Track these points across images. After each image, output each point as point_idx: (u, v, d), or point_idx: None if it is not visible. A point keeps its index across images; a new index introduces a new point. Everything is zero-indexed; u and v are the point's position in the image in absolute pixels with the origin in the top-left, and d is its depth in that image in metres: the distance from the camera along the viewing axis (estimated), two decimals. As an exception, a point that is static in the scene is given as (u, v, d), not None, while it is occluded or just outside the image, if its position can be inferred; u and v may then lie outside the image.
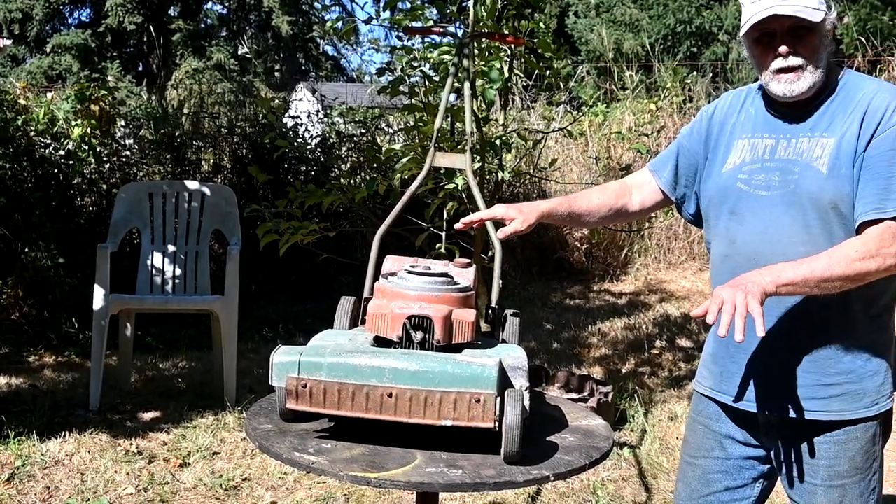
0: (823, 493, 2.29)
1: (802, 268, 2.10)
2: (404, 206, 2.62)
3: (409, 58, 4.88)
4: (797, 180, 2.22)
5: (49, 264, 6.69)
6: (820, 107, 2.27)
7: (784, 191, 2.24)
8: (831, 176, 2.18)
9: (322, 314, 6.45)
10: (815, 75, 2.22)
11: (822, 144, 2.22)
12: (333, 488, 4.21)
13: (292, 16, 29.26)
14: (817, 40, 2.21)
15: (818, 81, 2.23)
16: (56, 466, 4.37)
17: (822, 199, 2.19)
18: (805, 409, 2.26)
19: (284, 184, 7.19)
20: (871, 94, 2.21)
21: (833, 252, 2.13)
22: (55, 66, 25.59)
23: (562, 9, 20.64)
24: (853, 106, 2.22)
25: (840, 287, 2.13)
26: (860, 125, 2.18)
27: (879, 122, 2.16)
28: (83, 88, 7.15)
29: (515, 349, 2.21)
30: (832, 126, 2.22)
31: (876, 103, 2.19)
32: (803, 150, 2.24)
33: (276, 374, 2.03)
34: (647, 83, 11.60)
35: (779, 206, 2.25)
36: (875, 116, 2.17)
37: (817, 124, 2.25)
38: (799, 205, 2.22)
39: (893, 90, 2.23)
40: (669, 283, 8.68)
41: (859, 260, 2.10)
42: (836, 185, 2.18)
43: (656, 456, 4.67)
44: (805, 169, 2.22)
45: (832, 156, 2.19)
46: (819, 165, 2.20)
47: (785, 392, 2.27)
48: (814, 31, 2.20)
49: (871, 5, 16.24)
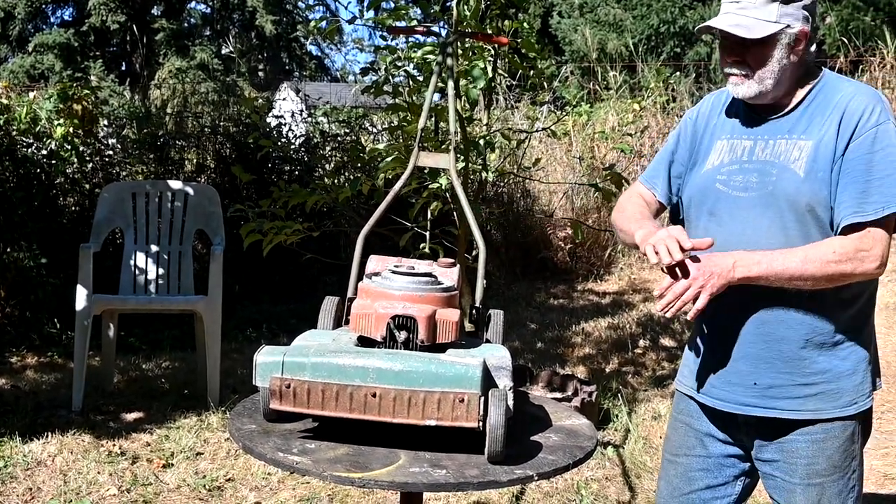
0: (802, 491, 2.30)
1: (776, 263, 2.13)
2: (388, 205, 2.62)
3: (393, 57, 4.88)
4: (775, 182, 2.24)
5: (31, 264, 6.65)
6: (797, 108, 2.28)
7: (762, 192, 2.26)
8: (808, 178, 2.19)
9: (306, 314, 6.44)
10: (761, 85, 2.24)
11: (799, 146, 2.23)
12: (317, 488, 4.20)
13: (276, 15, 29.18)
14: (768, 52, 2.22)
15: (766, 91, 2.25)
16: (38, 467, 4.35)
17: (799, 201, 2.20)
18: (781, 409, 2.27)
19: (268, 183, 7.17)
20: (848, 96, 2.22)
21: (810, 250, 2.14)
22: (37, 66, 25.43)
23: (545, 9, 20.68)
24: (831, 108, 2.23)
25: (813, 286, 2.15)
26: (838, 128, 2.19)
27: (857, 125, 2.17)
28: (66, 88, 7.11)
29: (499, 349, 2.21)
30: (810, 128, 2.24)
31: (853, 106, 2.20)
32: (781, 151, 2.25)
33: (260, 375, 2.03)
34: (630, 83, 11.64)
35: (756, 207, 2.26)
36: (853, 119, 2.18)
37: (795, 126, 2.26)
38: (776, 206, 2.23)
39: (871, 92, 2.25)
40: (653, 283, 8.69)
41: (835, 262, 2.12)
42: (812, 188, 2.19)
43: (640, 455, 4.68)
44: (782, 171, 2.23)
45: (810, 158, 2.20)
46: (796, 168, 2.21)
47: (760, 392, 2.29)
48: (764, 43, 2.21)
49: (853, 6, 16.34)
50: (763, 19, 2.20)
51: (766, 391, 2.28)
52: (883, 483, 4.41)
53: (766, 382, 2.28)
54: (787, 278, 2.13)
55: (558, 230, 9.11)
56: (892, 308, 6.96)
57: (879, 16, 16.14)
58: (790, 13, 2.21)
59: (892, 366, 5.75)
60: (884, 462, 4.62)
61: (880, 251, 2.15)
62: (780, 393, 2.27)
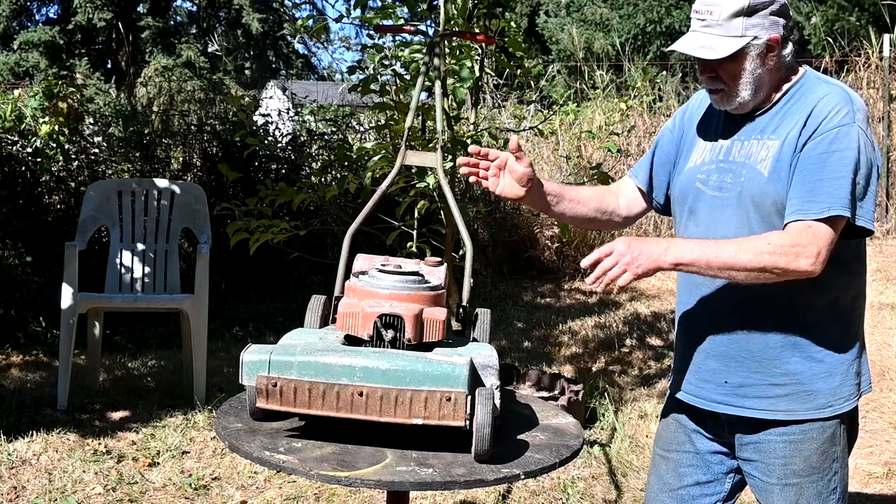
0: (779, 491, 2.31)
1: (709, 250, 2.12)
2: (375, 204, 2.62)
3: (380, 56, 4.88)
4: (743, 182, 2.25)
5: (16, 262, 6.62)
6: (773, 108, 2.29)
7: (733, 193, 2.27)
8: (772, 179, 2.20)
9: (293, 313, 6.44)
10: (741, 96, 2.25)
11: (767, 147, 2.24)
12: (304, 487, 4.20)
13: (262, 13, 29.18)
14: (738, 67, 2.22)
15: (745, 101, 2.26)
16: (23, 466, 4.33)
17: (764, 201, 2.21)
18: (752, 409, 2.29)
19: (255, 182, 7.15)
20: (820, 97, 2.22)
21: (745, 241, 2.14)
22: (22, 63, 25.33)
23: (532, 8, 20.71)
24: (802, 108, 2.23)
25: (746, 278, 2.13)
26: (802, 127, 2.19)
27: (819, 125, 2.17)
28: (51, 85, 7.07)
29: (486, 348, 2.21)
30: (779, 128, 2.24)
31: (821, 106, 2.19)
32: (752, 152, 2.27)
33: (247, 373, 2.03)
34: (617, 82, 11.66)
35: (729, 207, 2.28)
36: (817, 119, 2.18)
37: (767, 126, 2.28)
38: (744, 207, 2.25)
39: (844, 94, 2.22)
40: (639, 282, 8.71)
41: (769, 253, 2.09)
42: (776, 188, 2.20)
43: (626, 454, 4.69)
44: (750, 171, 2.25)
45: (774, 158, 2.21)
46: (762, 168, 2.22)
47: (731, 390, 2.31)
48: (733, 59, 2.21)
49: (838, 6, 16.41)
50: (728, 35, 2.19)
51: (736, 389, 2.30)
52: (867, 482, 4.43)
53: (736, 381, 2.30)
54: (719, 267, 2.12)
55: (545, 229, 9.12)
56: (875, 308, 6.99)
57: (864, 16, 16.22)
58: (756, 23, 2.20)
59: (876, 365, 5.77)
60: (868, 461, 4.64)
61: (817, 249, 2.09)
62: (751, 392, 2.29)
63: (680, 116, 2.54)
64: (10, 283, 6.59)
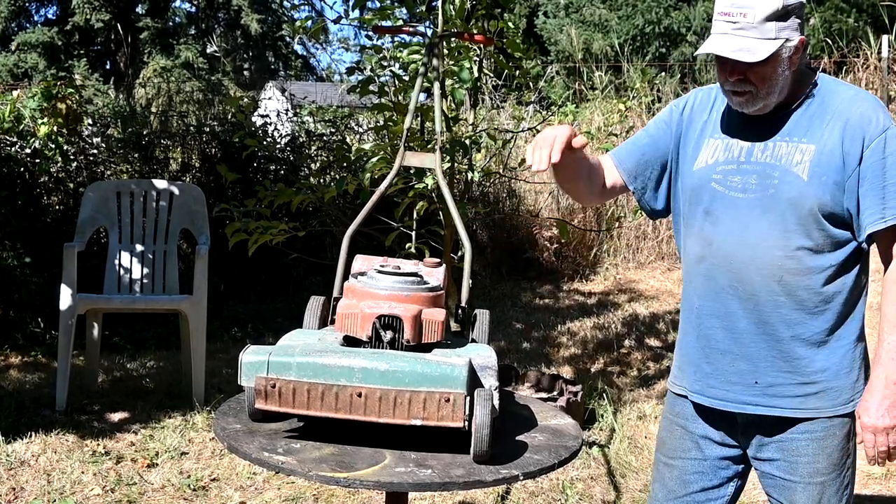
0: (802, 489, 2.32)
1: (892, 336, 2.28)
2: (374, 205, 2.62)
3: (379, 57, 4.88)
4: (777, 185, 2.24)
5: (15, 263, 6.62)
6: (795, 112, 2.28)
7: (762, 194, 2.26)
8: (812, 183, 2.21)
9: (291, 314, 6.44)
10: (767, 99, 2.24)
11: (801, 150, 2.24)
12: (303, 488, 4.19)
13: (261, 14, 29.16)
14: (769, 69, 2.21)
15: (772, 102, 2.26)
16: (22, 467, 4.33)
17: (803, 204, 2.22)
18: (783, 408, 2.29)
19: (253, 183, 7.15)
20: (848, 102, 2.24)
21: (889, 307, 2.30)
22: (21, 64, 25.31)
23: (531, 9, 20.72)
24: (831, 113, 2.24)
25: None
26: (842, 137, 2.21)
27: (866, 134, 2.20)
28: (49, 86, 7.07)
29: (485, 348, 2.21)
30: (810, 132, 2.24)
31: (857, 113, 2.21)
32: (782, 154, 2.25)
33: (245, 374, 2.03)
34: (616, 83, 11.66)
35: (756, 209, 2.26)
36: (859, 129, 2.20)
37: (794, 129, 2.27)
38: (778, 209, 2.24)
39: (870, 98, 2.27)
40: (638, 283, 8.72)
41: None
42: (816, 192, 2.20)
43: (625, 455, 4.69)
44: (784, 174, 2.23)
45: (813, 162, 2.21)
46: (799, 171, 2.22)
47: (761, 391, 2.30)
48: (767, 62, 2.20)
49: (836, 7, 16.43)
50: (763, 38, 2.18)
51: (766, 389, 2.30)
52: (867, 482, 4.43)
53: (767, 381, 2.30)
54: None
55: (544, 230, 9.12)
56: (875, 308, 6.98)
57: (862, 17, 16.23)
58: (787, 26, 2.20)
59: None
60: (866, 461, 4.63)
61: None
62: (781, 391, 2.29)
63: (677, 113, 2.49)
64: (8, 283, 6.59)
